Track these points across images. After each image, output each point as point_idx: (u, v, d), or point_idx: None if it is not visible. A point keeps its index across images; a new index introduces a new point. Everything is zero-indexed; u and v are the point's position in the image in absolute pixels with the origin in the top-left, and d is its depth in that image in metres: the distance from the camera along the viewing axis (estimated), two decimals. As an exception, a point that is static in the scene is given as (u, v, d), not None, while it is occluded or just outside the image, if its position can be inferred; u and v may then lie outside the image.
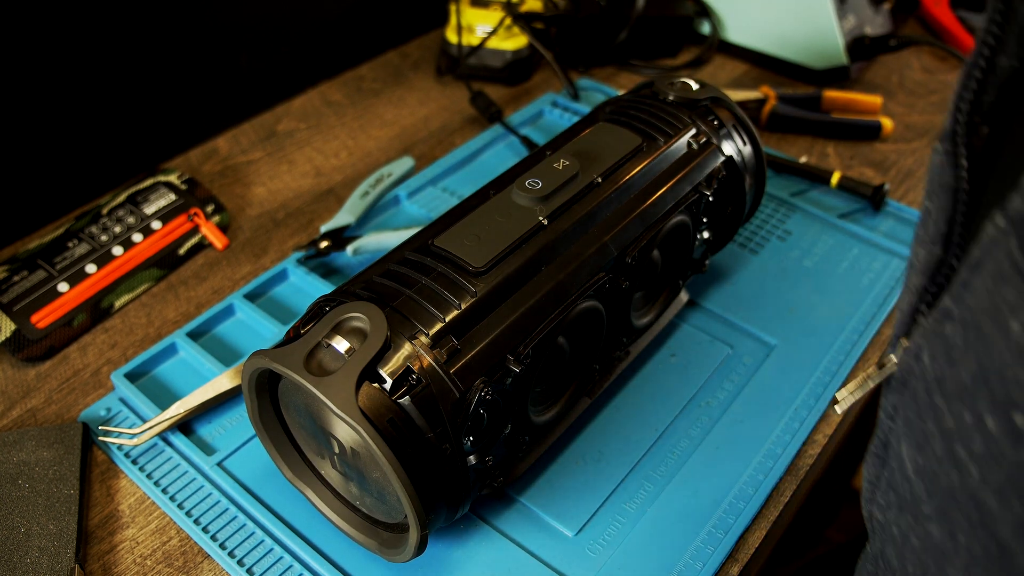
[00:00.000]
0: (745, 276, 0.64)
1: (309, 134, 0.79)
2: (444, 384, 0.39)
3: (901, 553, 0.32)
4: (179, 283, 0.64)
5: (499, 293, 0.43)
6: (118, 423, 0.53)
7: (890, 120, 0.78)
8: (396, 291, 0.42)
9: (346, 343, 0.39)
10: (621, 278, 0.48)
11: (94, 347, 0.59)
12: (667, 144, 0.52)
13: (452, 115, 0.82)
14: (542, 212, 0.46)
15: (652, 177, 0.51)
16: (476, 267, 0.43)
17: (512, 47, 0.83)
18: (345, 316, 0.39)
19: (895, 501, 0.32)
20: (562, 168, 0.48)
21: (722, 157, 0.54)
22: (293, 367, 0.38)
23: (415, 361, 0.39)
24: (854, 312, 0.60)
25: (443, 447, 0.39)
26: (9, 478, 0.48)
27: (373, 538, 0.44)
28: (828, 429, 0.54)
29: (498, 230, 0.45)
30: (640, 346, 0.55)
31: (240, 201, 0.71)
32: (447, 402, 0.39)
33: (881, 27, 0.88)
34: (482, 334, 0.41)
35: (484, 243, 0.44)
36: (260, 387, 0.43)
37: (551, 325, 0.44)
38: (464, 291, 0.42)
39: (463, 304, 0.41)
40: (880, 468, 0.33)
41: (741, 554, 0.47)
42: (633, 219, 0.49)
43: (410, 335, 0.40)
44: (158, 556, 0.47)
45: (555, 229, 0.46)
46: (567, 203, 0.47)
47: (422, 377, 0.39)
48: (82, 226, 0.63)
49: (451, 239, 0.44)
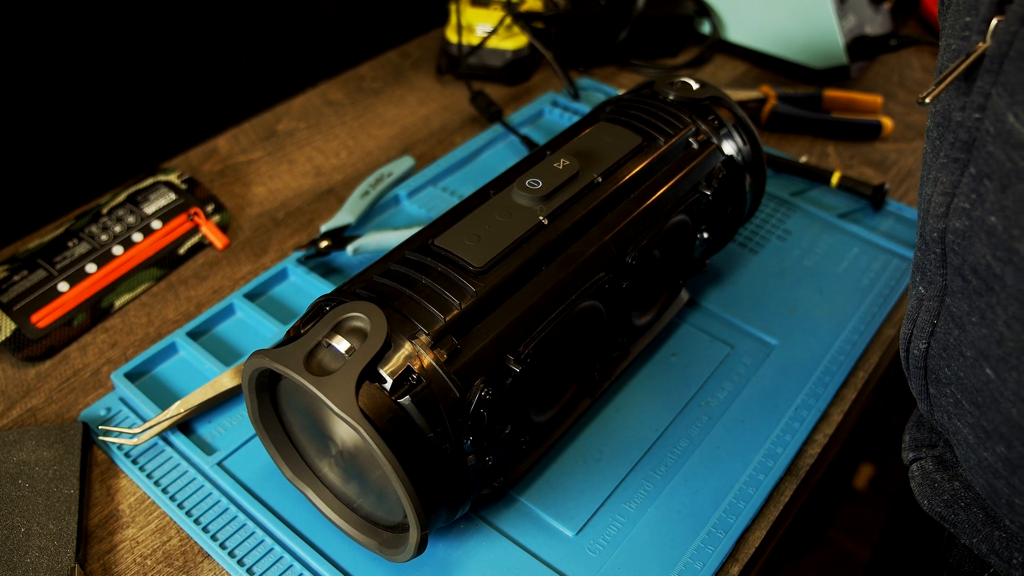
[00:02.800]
0: (745, 276, 0.64)
1: (309, 134, 0.79)
2: (444, 384, 0.39)
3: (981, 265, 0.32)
4: (179, 283, 0.64)
5: (499, 293, 0.43)
6: (118, 423, 0.53)
7: (890, 120, 0.78)
8: (396, 291, 0.42)
9: (346, 343, 0.39)
10: (621, 278, 0.48)
11: (94, 347, 0.59)
12: (667, 144, 0.52)
13: (452, 115, 0.82)
14: (542, 212, 0.46)
15: (652, 176, 0.51)
16: (476, 267, 0.43)
17: (512, 47, 0.83)
18: (345, 316, 0.39)
19: (977, 203, 0.32)
20: (562, 168, 0.48)
21: (722, 156, 0.54)
22: (293, 367, 0.38)
23: (415, 361, 0.39)
24: (854, 312, 0.60)
25: (443, 447, 0.39)
26: (9, 478, 0.48)
27: (373, 538, 0.44)
28: (828, 429, 0.54)
29: (498, 230, 0.45)
30: (640, 346, 0.55)
31: (240, 201, 0.71)
32: (447, 402, 0.39)
33: (881, 27, 0.88)
34: (482, 334, 0.41)
35: (484, 243, 0.44)
36: (260, 387, 0.43)
37: (551, 325, 0.44)
38: (464, 291, 0.42)
39: (463, 304, 0.41)
40: (959, 175, 0.33)
41: (741, 554, 0.47)
42: (633, 219, 0.49)
43: (410, 335, 0.40)
44: (158, 556, 0.47)
45: (555, 229, 0.46)
46: (567, 203, 0.47)
47: (422, 377, 0.39)
48: (82, 226, 0.63)
49: (451, 239, 0.44)
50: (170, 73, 0.73)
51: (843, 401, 0.55)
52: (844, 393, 0.56)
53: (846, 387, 0.56)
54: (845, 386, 0.56)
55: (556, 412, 0.48)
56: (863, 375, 0.57)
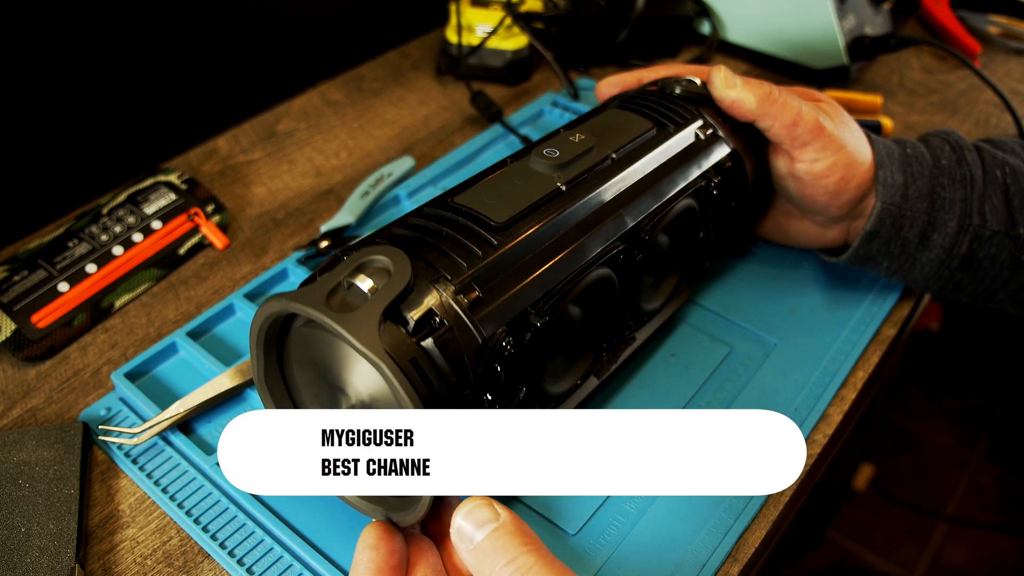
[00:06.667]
0: (745, 276, 0.64)
1: (309, 134, 0.79)
2: (467, 330, 0.39)
3: None
4: (179, 283, 0.64)
5: (520, 249, 0.43)
6: (118, 423, 0.53)
7: (890, 120, 0.78)
8: (418, 239, 0.42)
9: (370, 281, 0.38)
10: (635, 251, 0.48)
11: (94, 347, 0.59)
12: (676, 131, 0.54)
13: (452, 115, 0.82)
14: (560, 179, 0.47)
15: (663, 159, 0.52)
16: (498, 222, 0.43)
17: (512, 47, 0.83)
18: (368, 258, 0.39)
19: None
20: (578, 141, 0.49)
21: (728, 149, 0.55)
22: (314, 304, 0.37)
23: (438, 305, 0.39)
24: (854, 312, 0.60)
25: (464, 392, 0.39)
26: (9, 478, 0.48)
27: (380, 504, 0.43)
28: (828, 429, 0.54)
29: (518, 192, 0.46)
30: (645, 334, 0.55)
31: (240, 201, 0.71)
32: (469, 348, 0.39)
33: (881, 27, 0.88)
34: (504, 286, 0.41)
35: (504, 202, 0.44)
36: (268, 342, 0.42)
37: (569, 285, 0.44)
38: (487, 244, 0.42)
39: (485, 256, 0.42)
40: None
41: (741, 554, 0.47)
42: (646, 195, 0.50)
43: (433, 279, 0.40)
44: (158, 556, 0.47)
45: (572, 196, 0.47)
46: (583, 173, 0.48)
47: (445, 320, 0.39)
48: (82, 226, 0.63)
49: (471, 197, 0.45)
50: (170, 73, 0.73)
51: (843, 401, 0.55)
52: (844, 393, 0.56)
53: (846, 387, 0.56)
54: (845, 386, 0.56)
55: (567, 388, 0.48)
56: (863, 375, 0.57)
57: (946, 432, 1.64)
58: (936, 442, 1.63)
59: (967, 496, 1.54)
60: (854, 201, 0.56)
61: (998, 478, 1.57)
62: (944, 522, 1.49)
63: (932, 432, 1.64)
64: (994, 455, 1.60)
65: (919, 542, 1.47)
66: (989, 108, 0.84)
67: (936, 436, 1.64)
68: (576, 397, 0.50)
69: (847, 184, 0.54)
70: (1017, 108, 0.78)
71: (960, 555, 1.45)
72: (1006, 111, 0.79)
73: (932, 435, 1.64)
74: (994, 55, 0.94)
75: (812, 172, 0.54)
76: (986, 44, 0.95)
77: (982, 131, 0.81)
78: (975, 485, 1.55)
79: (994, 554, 1.46)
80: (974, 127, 0.82)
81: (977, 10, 0.98)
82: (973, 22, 0.97)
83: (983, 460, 1.60)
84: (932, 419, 1.66)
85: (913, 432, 1.64)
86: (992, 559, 1.45)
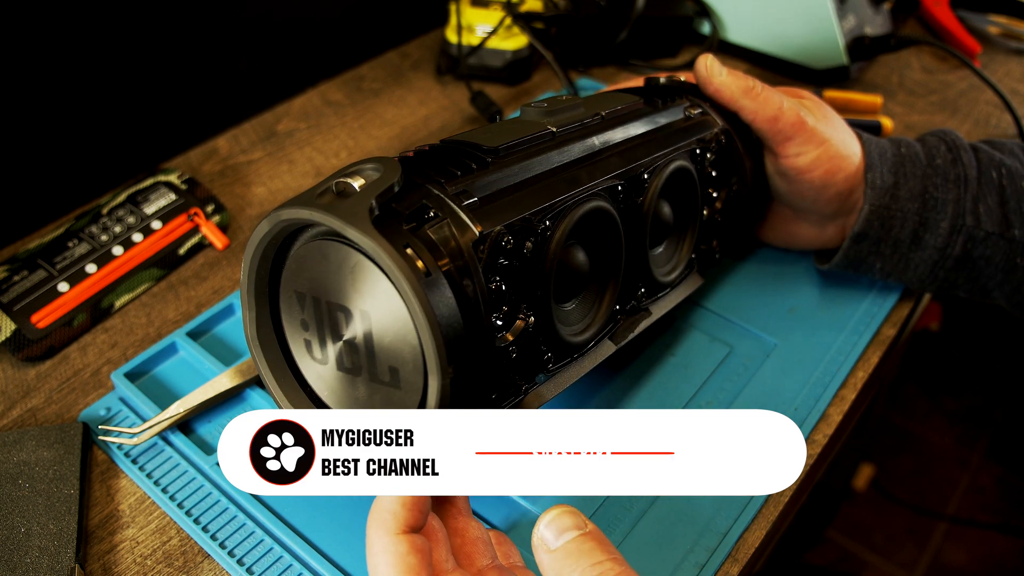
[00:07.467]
0: (745, 276, 0.64)
1: (309, 134, 0.79)
2: (464, 224, 0.39)
3: None
4: (179, 283, 0.64)
5: (516, 169, 0.43)
6: (118, 423, 0.53)
7: (890, 120, 0.78)
8: (411, 160, 0.42)
9: (361, 179, 0.38)
10: (635, 195, 0.48)
11: (94, 347, 0.59)
12: (665, 107, 0.54)
13: (452, 115, 0.82)
14: (552, 124, 0.47)
15: (654, 125, 0.53)
16: (491, 146, 0.43)
17: (512, 47, 0.83)
18: (359, 166, 0.39)
19: None
20: (566, 100, 0.50)
21: (719, 125, 0.56)
22: (302, 203, 0.37)
23: (433, 200, 0.39)
24: (854, 312, 0.60)
25: (463, 282, 0.38)
26: (9, 478, 0.48)
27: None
28: (828, 429, 0.54)
29: (510, 131, 0.45)
30: (660, 311, 0.53)
31: (240, 201, 0.71)
32: (468, 241, 0.39)
33: (881, 27, 0.88)
34: (502, 195, 0.41)
35: (498, 136, 0.44)
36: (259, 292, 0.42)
37: (569, 206, 0.43)
38: (481, 162, 0.42)
39: (479, 170, 0.42)
40: None
41: (741, 554, 0.47)
42: (640, 145, 0.50)
43: (427, 181, 0.40)
44: (158, 556, 0.47)
45: (565, 139, 0.47)
46: (575, 123, 0.48)
47: (439, 213, 0.38)
48: (82, 226, 0.63)
49: (463, 135, 0.45)
50: (170, 73, 0.73)
51: (843, 401, 0.55)
52: (844, 393, 0.56)
53: (846, 387, 0.56)
54: (845, 386, 0.56)
55: (582, 340, 0.46)
56: (863, 375, 0.57)
57: (946, 432, 1.64)
58: (936, 442, 1.63)
59: (967, 496, 1.54)
60: (843, 195, 0.56)
61: (998, 478, 1.57)
62: (944, 522, 1.49)
63: (932, 432, 1.64)
64: (994, 455, 1.60)
65: (919, 542, 1.47)
66: (989, 108, 0.84)
67: (936, 436, 1.64)
68: (592, 358, 0.48)
69: (833, 177, 0.55)
70: (1017, 108, 0.78)
71: (960, 555, 1.45)
72: (1006, 111, 0.79)
73: (932, 435, 1.64)
74: (994, 55, 0.94)
75: (797, 167, 0.55)
76: (986, 44, 0.95)
77: (982, 131, 0.81)
78: (975, 485, 1.55)
79: (994, 554, 1.46)
80: (974, 127, 0.82)
81: (977, 10, 0.98)
82: (973, 22, 0.97)
83: (983, 460, 1.60)
84: (932, 419, 1.66)
85: (913, 432, 1.64)
86: (992, 559, 1.45)
